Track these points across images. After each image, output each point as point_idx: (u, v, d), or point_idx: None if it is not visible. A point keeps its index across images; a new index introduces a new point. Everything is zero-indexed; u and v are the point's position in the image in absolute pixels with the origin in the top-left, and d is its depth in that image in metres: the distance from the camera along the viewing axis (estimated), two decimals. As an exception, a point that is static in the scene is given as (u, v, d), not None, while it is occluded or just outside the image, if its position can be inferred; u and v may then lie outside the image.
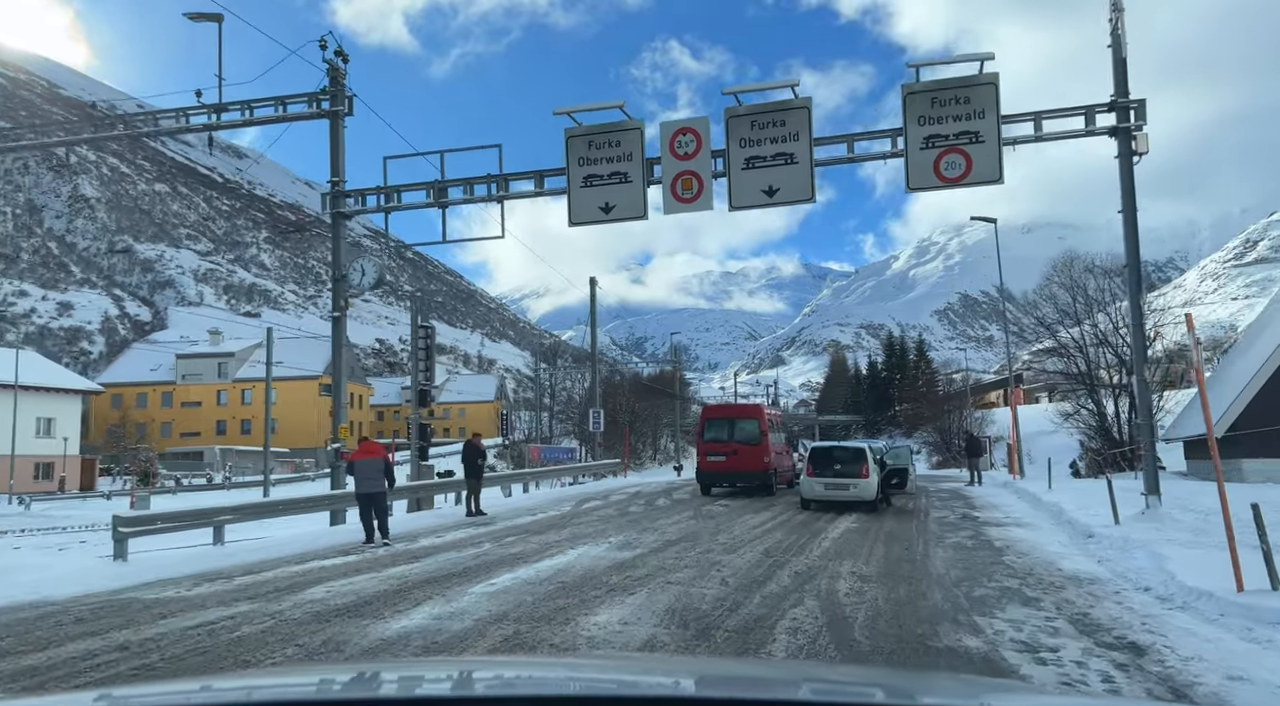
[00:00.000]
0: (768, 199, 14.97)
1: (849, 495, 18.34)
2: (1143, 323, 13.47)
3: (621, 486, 26.68)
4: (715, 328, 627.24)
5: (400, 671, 2.52)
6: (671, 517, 17.08)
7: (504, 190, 16.49)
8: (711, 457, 22.70)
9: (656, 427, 76.94)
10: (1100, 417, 39.46)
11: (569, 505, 20.41)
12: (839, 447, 19.31)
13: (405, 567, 10.80)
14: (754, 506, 19.56)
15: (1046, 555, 11.58)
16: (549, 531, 14.88)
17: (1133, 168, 13.30)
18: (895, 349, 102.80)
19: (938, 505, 19.91)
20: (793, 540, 13.39)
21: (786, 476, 25.64)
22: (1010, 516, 16.95)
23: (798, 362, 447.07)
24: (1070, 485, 21.29)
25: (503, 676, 2.19)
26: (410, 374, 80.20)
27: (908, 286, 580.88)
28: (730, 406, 25.30)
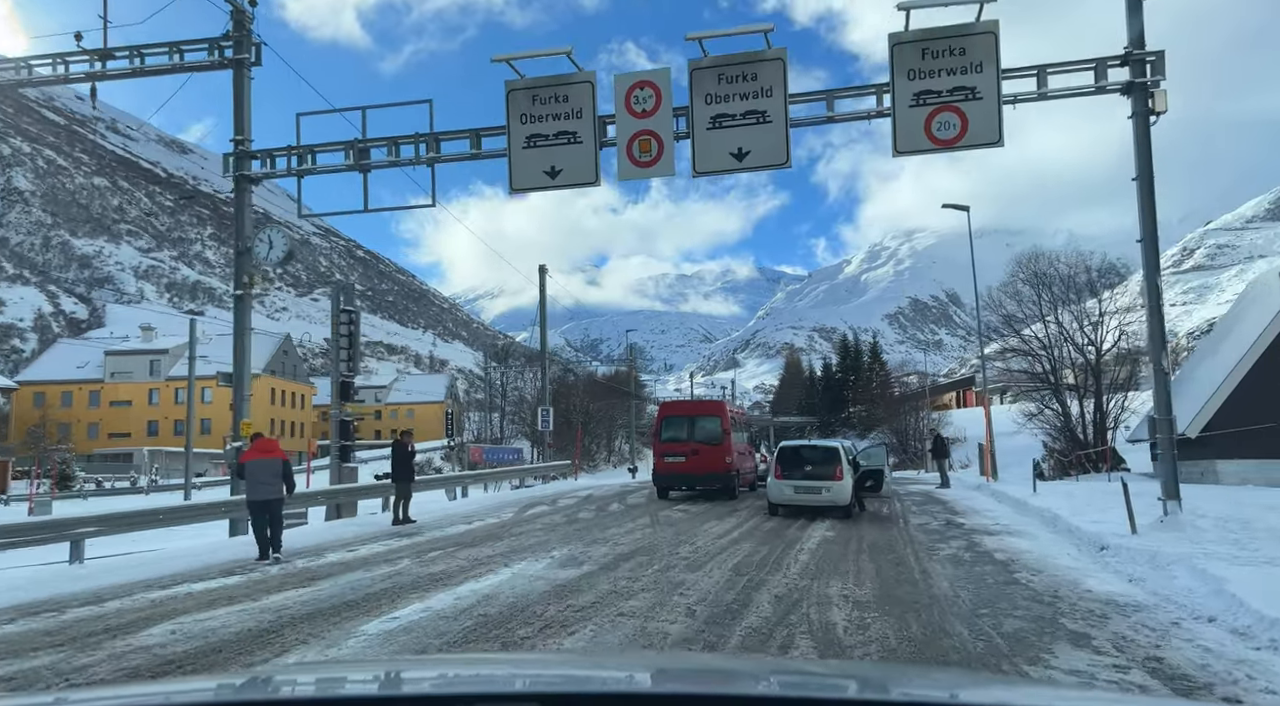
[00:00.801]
0: (737, 163, 13.13)
1: (821, 499, 16.59)
2: (1160, 304, 11.91)
3: (572, 490, 24.67)
4: (671, 329, 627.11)
5: (320, 673, 2.64)
6: (625, 525, 15.14)
7: (435, 151, 14.39)
8: (669, 458, 20.80)
9: (611, 428, 74.96)
10: (1065, 418, 38.48)
11: (511, 511, 18.35)
12: (810, 447, 17.55)
13: (293, 593, 8.70)
14: (716, 512, 17.71)
15: (1063, 572, 9.88)
16: (483, 544, 12.84)
17: (1149, 129, 11.74)
18: (849, 351, 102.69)
19: (915, 510, 18.26)
20: (765, 553, 11.55)
21: (749, 478, 23.85)
22: (1000, 523, 15.32)
23: (752, 365, 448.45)
24: (1055, 488, 19.88)
25: (447, 675, 2.11)
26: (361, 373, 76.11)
27: (860, 290, 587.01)
28: (690, 403, 23.33)
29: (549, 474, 28.15)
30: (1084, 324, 38.60)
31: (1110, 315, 38.09)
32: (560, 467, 28.71)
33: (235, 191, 15.10)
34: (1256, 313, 30.21)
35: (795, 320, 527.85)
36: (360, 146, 14.52)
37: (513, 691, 1.76)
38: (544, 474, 27.66)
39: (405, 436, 17.61)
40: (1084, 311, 38.98)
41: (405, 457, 16.89)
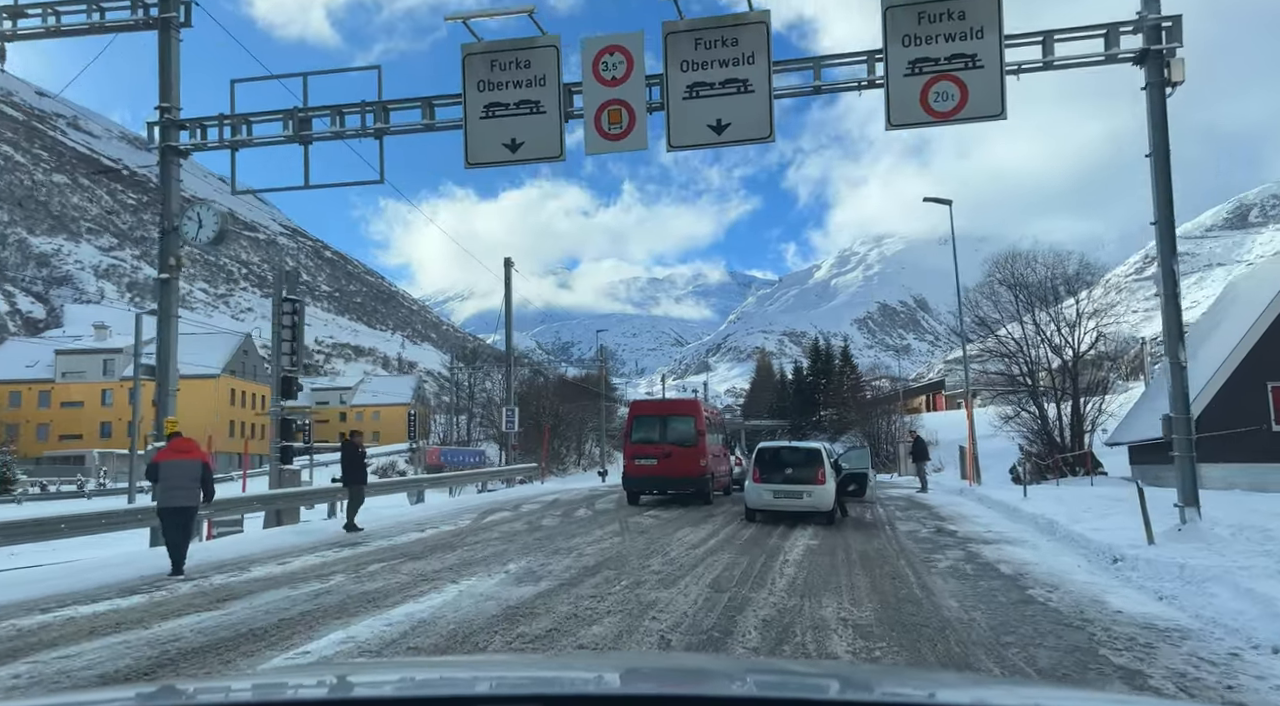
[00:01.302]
0: (715, 136, 11.98)
1: (802, 504, 15.46)
2: (1176, 291, 10.93)
3: (537, 494, 23.37)
4: (642, 333, 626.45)
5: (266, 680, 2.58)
6: (592, 533, 13.90)
7: (383, 122, 13.07)
8: (640, 461, 19.58)
9: (582, 431, 73.57)
10: (1042, 421, 37.82)
11: (470, 517, 17.03)
12: (790, 449, 16.42)
13: (193, 619, 7.36)
14: (690, 518, 16.53)
15: (1080, 587, 8.81)
16: (432, 555, 11.53)
17: (1165, 101, 10.76)
18: (820, 354, 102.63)
19: (901, 516, 17.21)
20: (746, 565, 10.38)
21: (724, 482, 22.71)
22: (994, 531, 14.28)
23: (723, 369, 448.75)
24: (1043, 492, 18.95)
25: (412, 677, 2.06)
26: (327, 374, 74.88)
27: (829, 295, 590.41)
28: (662, 402, 22.05)
29: (514, 477, 26.80)
30: (1060, 326, 38.03)
31: (1087, 316, 37.52)
32: (526, 471, 27.36)
33: (161, 165, 13.63)
34: (1238, 313, 29.66)
35: (766, 324, 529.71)
36: (301, 116, 13.14)
37: (472, 694, 1.75)
38: (509, 477, 26.28)
39: (355, 437, 16.28)
40: (1060, 313, 38.41)
41: (356, 459, 15.55)
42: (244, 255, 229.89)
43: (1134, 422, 32.53)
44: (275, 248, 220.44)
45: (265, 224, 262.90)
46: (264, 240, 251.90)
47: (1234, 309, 30.47)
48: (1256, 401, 25.63)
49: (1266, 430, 25.60)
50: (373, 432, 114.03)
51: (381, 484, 20.90)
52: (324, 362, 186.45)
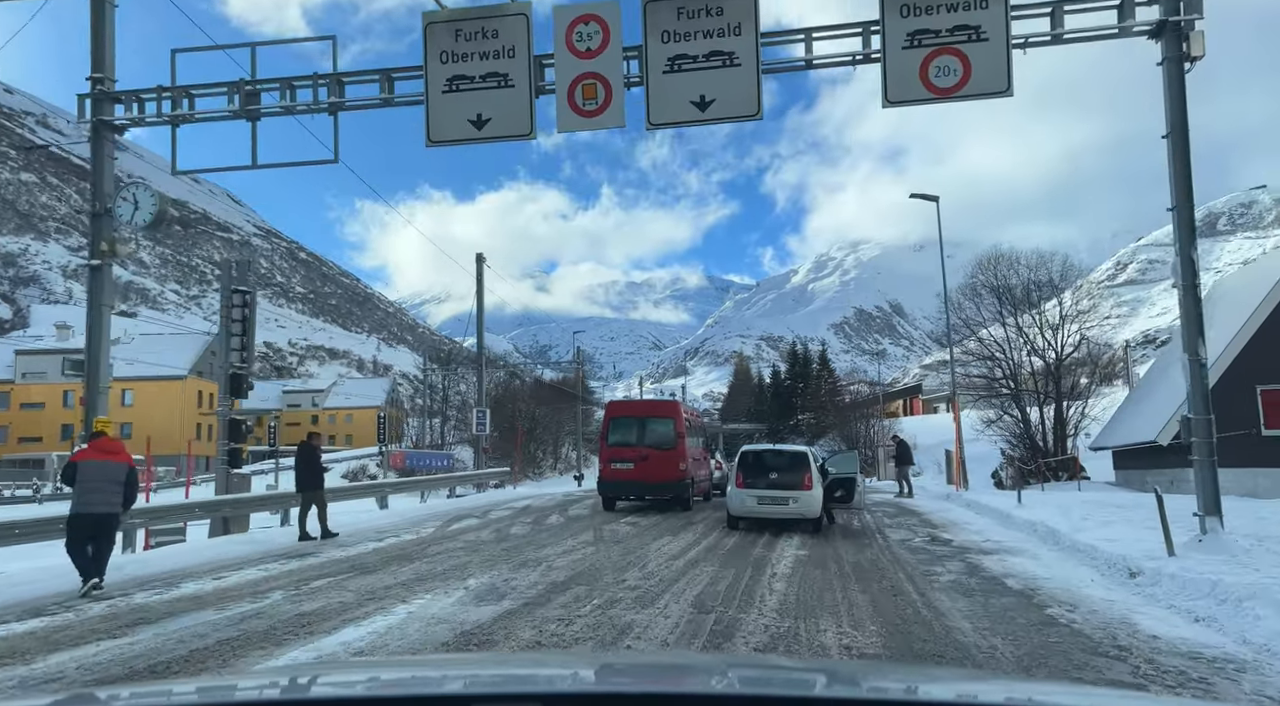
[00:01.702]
0: (699, 113, 11.05)
1: (788, 511, 14.56)
2: (1196, 282, 10.15)
3: (509, 499, 22.34)
4: (620, 337, 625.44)
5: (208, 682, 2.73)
6: (564, 543, 12.91)
7: (338, 96, 12.01)
8: (617, 465, 18.60)
9: (558, 435, 72.39)
10: (1025, 425, 37.25)
11: (434, 525, 15.97)
12: (774, 452, 15.51)
13: (90, 650, 6.29)
14: (669, 525, 15.57)
15: (1102, 606, 7.95)
16: (386, 568, 10.50)
17: (1183, 77, 9.98)
18: (798, 358, 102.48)
19: (890, 524, 16.35)
20: (730, 579, 9.44)
21: (704, 487, 21.79)
22: (991, 540, 13.44)
23: (701, 373, 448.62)
24: (1034, 498, 18.18)
25: (379, 677, 2.08)
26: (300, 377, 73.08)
27: (806, 300, 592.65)
28: (640, 403, 21.03)
29: (486, 481, 25.69)
30: (1044, 328, 37.53)
31: (1070, 319, 37.03)
32: (498, 475, 26.23)
33: (92, 141, 12.48)
34: (1223, 316, 29.20)
35: (744, 329, 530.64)
36: (248, 88, 12.04)
37: (442, 692, 1.75)
38: (480, 481, 25.17)
39: (313, 438, 15.19)
40: (1043, 315, 37.91)
41: (313, 462, 14.46)
42: (217, 256, 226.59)
43: (1118, 427, 32.04)
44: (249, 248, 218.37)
45: (239, 225, 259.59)
46: (238, 241, 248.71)
47: (1219, 312, 29.97)
48: (1245, 405, 25.08)
49: (1256, 435, 25.06)
50: (345, 436, 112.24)
51: (344, 489, 19.77)
52: (297, 365, 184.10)
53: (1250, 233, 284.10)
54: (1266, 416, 25.16)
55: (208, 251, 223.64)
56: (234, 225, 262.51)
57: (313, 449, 14.81)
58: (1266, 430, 25.06)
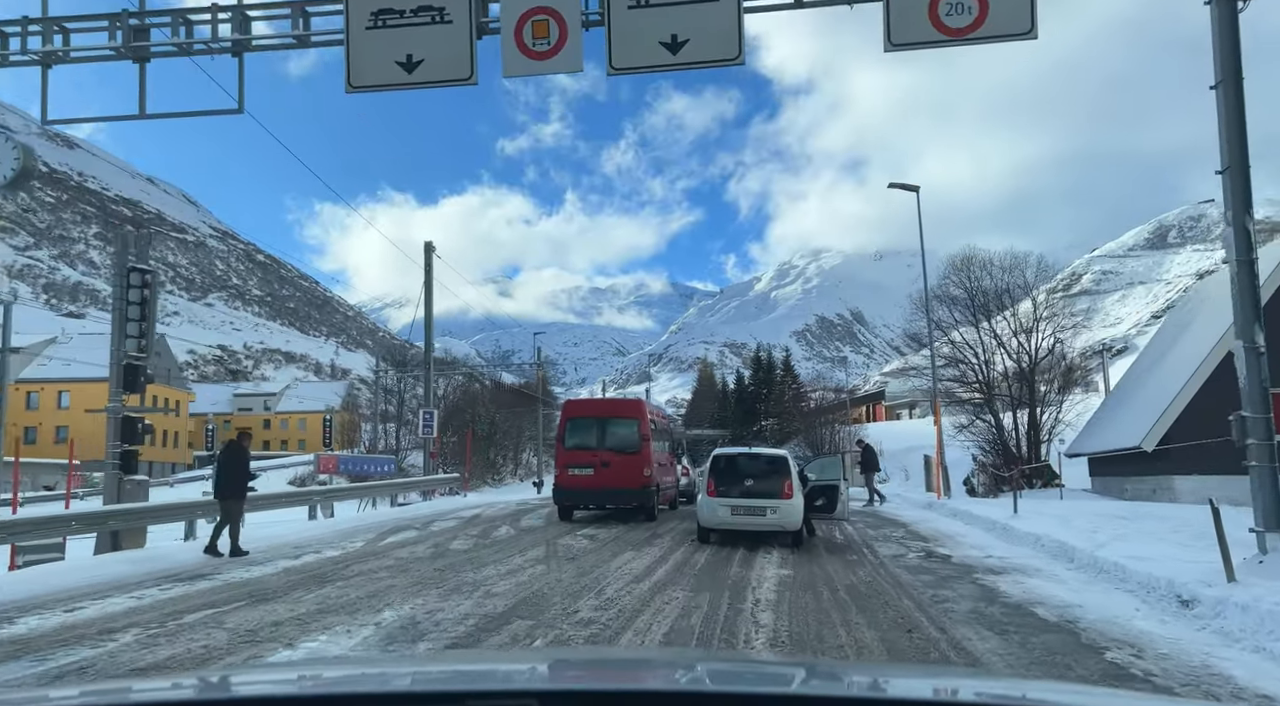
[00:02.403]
0: (670, 56, 9.40)
1: (766, 523, 12.94)
2: (1252, 256, 8.72)
3: (458, 508, 20.46)
4: (584, 343, 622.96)
5: None
6: (509, 560, 11.15)
7: (242, 32, 10.15)
8: (574, 470, 16.84)
9: (519, 440, 70.27)
10: (998, 430, 36.14)
11: (365, 538, 14.08)
12: (751, 456, 13.87)
13: None
14: (632, 538, 13.87)
15: (1170, 648, 6.39)
16: (289, 594, 8.66)
17: (1236, 18, 8.57)
18: (762, 364, 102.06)
19: (875, 536, 14.80)
20: (706, 609, 7.76)
21: (670, 495, 20.11)
22: (994, 556, 11.92)
23: (664, 379, 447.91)
24: (1032, 507, 16.72)
25: (323, 675, 2.07)
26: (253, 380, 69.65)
27: (769, 307, 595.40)
28: (601, 402, 19.18)
29: (436, 489, 23.74)
30: (1018, 331, 36.52)
31: (1045, 320, 36.06)
32: (447, 481, 24.20)
33: (-54, 80, 10.58)
34: (1209, 316, 28.26)
35: (707, 335, 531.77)
36: (135, 22, 10.14)
37: (387, 691, 1.70)
38: (430, 489, 23.18)
39: (243, 438, 13.08)
40: (1018, 318, 36.92)
41: (239, 466, 12.49)
42: (170, 257, 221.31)
43: (1095, 433, 30.98)
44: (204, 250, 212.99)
45: (194, 225, 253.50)
46: (192, 242, 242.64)
47: (1204, 311, 29.07)
48: (1234, 409, 23.96)
49: (1244, 440, 23.97)
50: (299, 440, 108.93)
51: (273, 496, 17.73)
52: (253, 368, 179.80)
53: (1200, 245, 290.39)
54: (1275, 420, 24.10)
55: (161, 253, 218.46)
56: (189, 226, 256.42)
57: (241, 450, 12.83)
58: (1268, 435, 24.00)
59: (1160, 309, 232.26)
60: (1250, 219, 8.50)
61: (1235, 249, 8.51)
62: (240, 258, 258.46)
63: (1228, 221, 8.60)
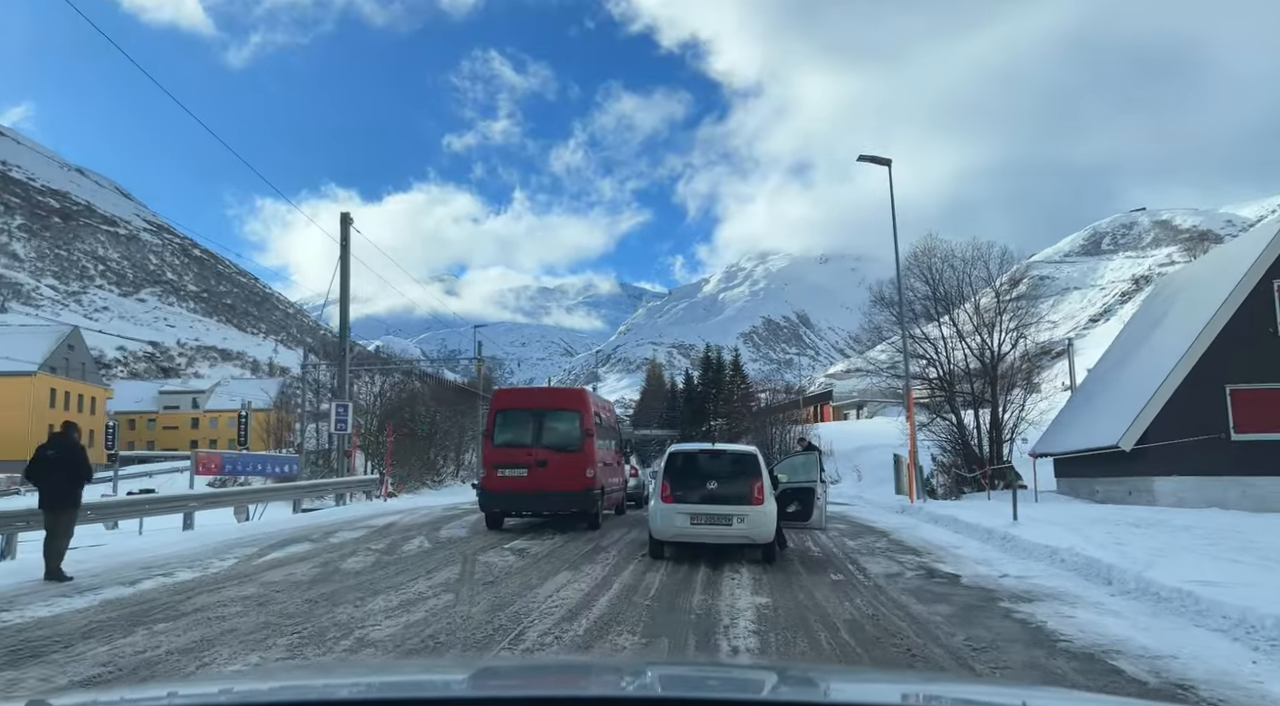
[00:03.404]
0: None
1: (732, 534, 10.68)
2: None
3: (374, 515, 17.83)
4: (532, 342, 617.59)
5: None
6: (410, 587, 8.69)
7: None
8: (505, 472, 14.37)
9: (461, 440, 67.25)
10: (959, 429, 34.56)
11: (241, 555, 11.45)
12: (713, 454, 11.57)
13: None
14: (570, 553, 11.49)
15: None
16: (69, 648, 6.10)
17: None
18: (711, 364, 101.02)
19: (856, 548, 12.63)
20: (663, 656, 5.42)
21: (616, 499, 17.76)
22: (1010, 575, 9.81)
23: (613, 379, 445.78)
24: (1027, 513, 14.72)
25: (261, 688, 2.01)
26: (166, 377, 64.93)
27: (717, 309, 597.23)
28: (537, 391, 16.54)
29: (350, 492, 20.94)
30: (980, 325, 35.05)
31: (1008, 313, 34.62)
32: (364, 484, 21.28)
33: None
34: (1182, 310, 26.93)
35: (656, 336, 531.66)
36: None
37: (323, 699, 1.71)
38: (341, 492, 20.35)
39: (70, 429, 10.35)
40: (980, 312, 35.47)
41: (70, 465, 9.80)
42: (101, 250, 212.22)
43: (1062, 432, 29.50)
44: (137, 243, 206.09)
45: (128, 218, 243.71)
46: (125, 235, 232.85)
47: (1178, 304, 27.73)
48: (1213, 406, 22.54)
49: (1225, 439, 22.54)
50: (228, 440, 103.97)
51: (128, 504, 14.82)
52: (186, 366, 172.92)
53: (1131, 252, 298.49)
54: (1237, 419, 22.65)
55: (91, 246, 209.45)
56: (121, 219, 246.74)
57: (71, 445, 10.11)
58: (1237, 434, 22.58)
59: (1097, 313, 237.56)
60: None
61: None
62: (176, 252, 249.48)
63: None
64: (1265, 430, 22.26)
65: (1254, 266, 23.09)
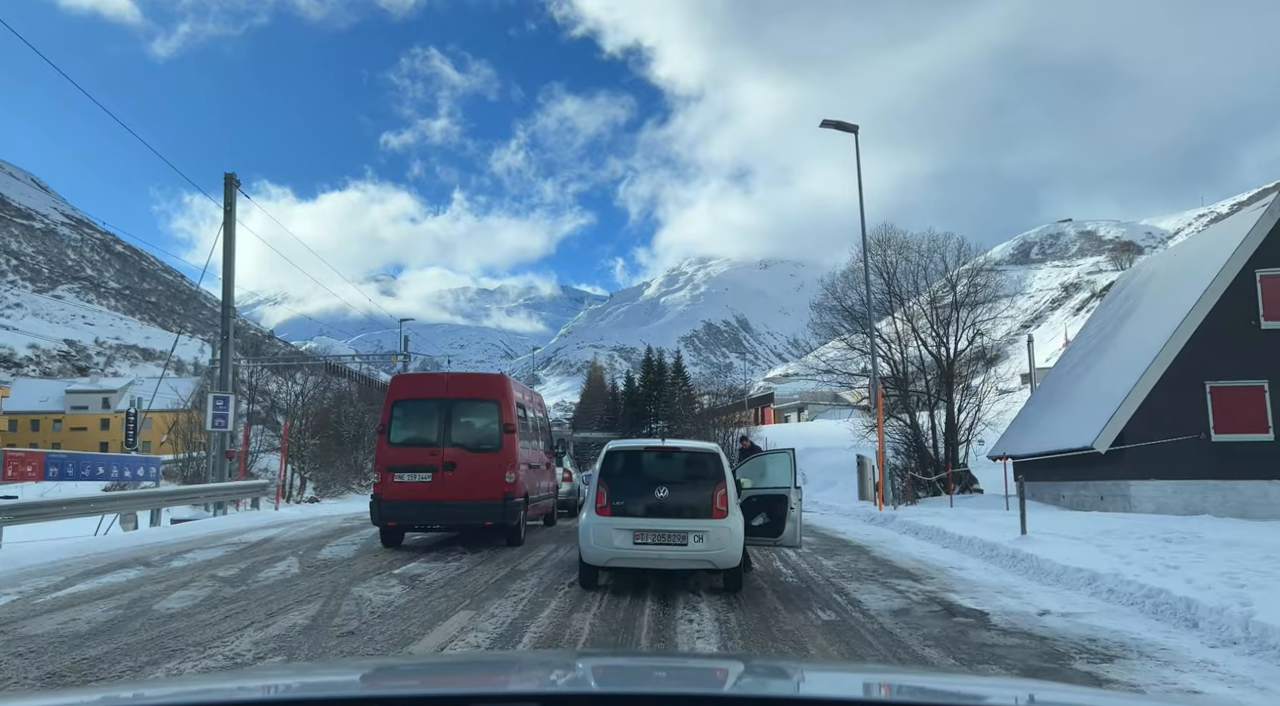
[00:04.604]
0: None
1: (688, 556, 8.17)
2: None
3: (251, 528, 14.82)
4: (471, 344, 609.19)
5: None
6: (230, 642, 5.99)
7: None
8: (404, 477, 11.62)
9: (389, 443, 63.63)
10: (914, 430, 32.75)
11: (29, 587, 8.53)
12: (662, 452, 9.02)
13: None
14: (475, 582, 8.84)
15: None
16: None
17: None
18: (653, 366, 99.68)
19: (836, 570, 10.24)
20: None
21: (544, 507, 15.09)
22: (1053, 611, 7.48)
23: (553, 382, 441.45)
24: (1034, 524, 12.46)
25: None
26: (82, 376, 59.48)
27: (659, 313, 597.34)
28: (444, 377, 13.40)
29: (236, 499, 17.77)
30: (935, 321, 33.35)
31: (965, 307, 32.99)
32: (247, 491, 18.02)
33: None
34: (1154, 303, 25.41)
35: (597, 339, 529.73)
36: None
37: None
38: (226, 499, 17.12)
39: None
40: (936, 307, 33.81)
41: None
42: (14, 245, 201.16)
43: (1023, 434, 27.83)
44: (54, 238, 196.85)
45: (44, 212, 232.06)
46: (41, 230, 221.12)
47: (1148, 295, 26.22)
48: (1193, 405, 20.90)
49: (1205, 440, 20.91)
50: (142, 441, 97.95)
51: None
52: (105, 365, 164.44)
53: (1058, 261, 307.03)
54: (1217, 418, 21.05)
55: (3, 239, 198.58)
56: (37, 212, 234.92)
57: None
58: (1217, 434, 20.98)
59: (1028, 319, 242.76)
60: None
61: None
62: (96, 248, 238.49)
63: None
64: (1247, 430, 20.74)
65: (1235, 255, 21.55)
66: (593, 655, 4.19)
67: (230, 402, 18.00)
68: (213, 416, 17.67)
